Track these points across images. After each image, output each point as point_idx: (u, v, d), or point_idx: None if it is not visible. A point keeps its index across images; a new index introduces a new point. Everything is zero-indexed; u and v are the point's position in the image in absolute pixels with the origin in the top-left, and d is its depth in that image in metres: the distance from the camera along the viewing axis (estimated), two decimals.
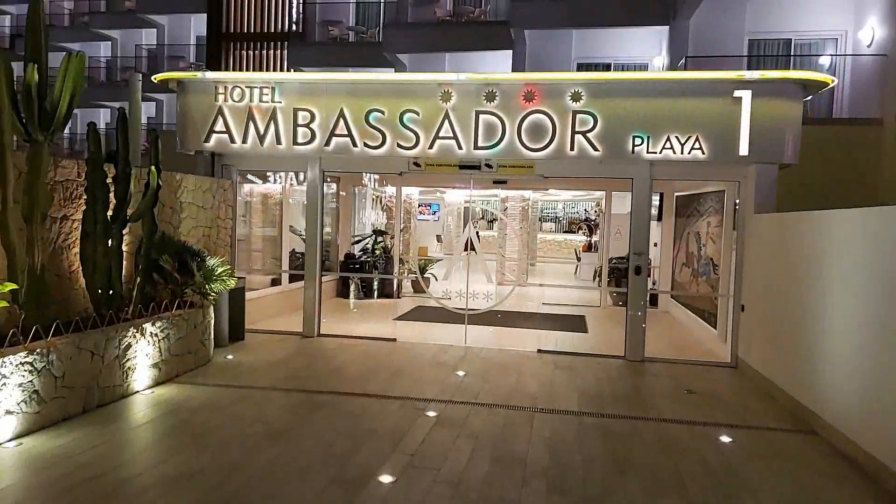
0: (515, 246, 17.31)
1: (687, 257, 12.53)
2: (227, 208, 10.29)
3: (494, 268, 12.91)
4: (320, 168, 10.18)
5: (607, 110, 9.05)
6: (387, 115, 9.46)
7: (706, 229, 11.27)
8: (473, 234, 10.61)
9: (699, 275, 11.64)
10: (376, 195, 17.38)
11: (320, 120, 9.61)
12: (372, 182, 16.73)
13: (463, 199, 23.90)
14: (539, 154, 9.23)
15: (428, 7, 19.20)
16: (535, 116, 9.19)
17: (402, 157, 9.61)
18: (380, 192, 17.37)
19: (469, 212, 13.52)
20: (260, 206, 12.75)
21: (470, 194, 10.66)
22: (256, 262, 12.51)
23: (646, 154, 9.00)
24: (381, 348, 9.69)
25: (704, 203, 11.45)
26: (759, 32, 15.55)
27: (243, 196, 12.36)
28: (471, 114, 9.31)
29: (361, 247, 15.63)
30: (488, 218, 29.85)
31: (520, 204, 17.35)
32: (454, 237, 26.30)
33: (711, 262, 10.87)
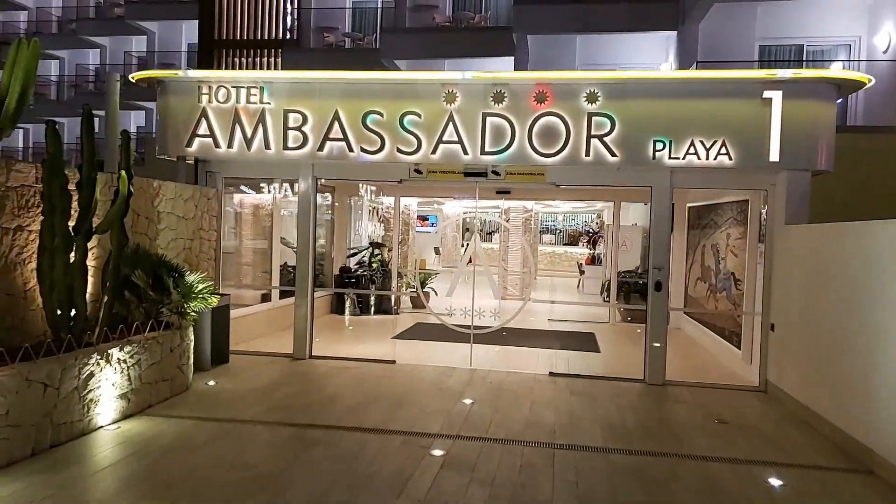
0: (518, 259, 16.43)
1: (702, 271, 11.68)
2: (210, 219, 9.39)
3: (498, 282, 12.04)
4: (313, 175, 9.30)
5: (625, 113, 8.21)
6: (386, 118, 8.60)
7: (726, 242, 10.42)
8: (479, 247, 9.72)
9: (717, 290, 10.78)
10: (373, 206, 16.50)
11: (313, 122, 8.74)
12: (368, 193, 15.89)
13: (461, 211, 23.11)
14: (551, 160, 8.37)
15: (426, 13, 18.43)
16: (548, 119, 8.35)
17: (403, 163, 8.74)
18: (377, 203, 16.50)
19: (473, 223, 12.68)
20: (251, 217, 11.86)
21: (475, 205, 9.72)
22: (245, 276, 11.60)
23: (668, 160, 8.16)
24: (379, 371, 8.77)
25: (723, 214, 10.61)
26: (770, 38, 14.81)
27: (233, 207, 11.50)
28: (477, 116, 8.46)
29: (357, 260, 14.74)
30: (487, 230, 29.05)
31: (522, 215, 16.49)
32: (453, 249, 25.53)
33: (732, 277, 10.01)
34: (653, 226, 8.74)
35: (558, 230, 28.46)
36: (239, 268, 11.55)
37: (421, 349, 10.31)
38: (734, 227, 10.05)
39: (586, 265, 19.86)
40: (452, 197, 14.28)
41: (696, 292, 12.03)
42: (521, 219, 16.54)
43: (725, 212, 10.48)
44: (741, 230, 9.72)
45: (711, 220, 11.28)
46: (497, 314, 9.83)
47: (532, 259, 17.54)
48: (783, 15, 14.50)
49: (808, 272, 7.46)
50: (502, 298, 15.07)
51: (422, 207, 21.76)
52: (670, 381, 8.73)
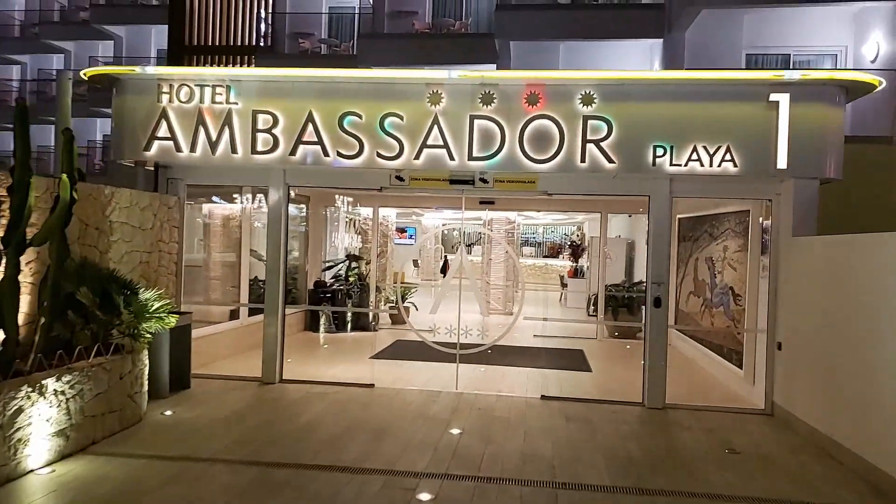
0: (501, 272, 15.72)
1: (696, 285, 11.05)
2: (171, 230, 8.54)
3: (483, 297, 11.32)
4: (284, 182, 8.51)
5: (624, 116, 7.55)
6: (364, 120, 7.85)
7: (722, 254, 9.80)
8: (466, 260, 8.97)
9: (713, 305, 10.14)
10: (350, 218, 15.70)
11: (285, 124, 7.96)
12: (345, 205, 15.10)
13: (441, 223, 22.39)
14: (544, 166, 7.67)
15: (405, 19, 17.74)
16: (540, 122, 7.66)
17: (383, 168, 7.99)
18: (354, 215, 15.71)
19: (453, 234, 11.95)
20: (220, 228, 11.01)
21: (461, 216, 8.97)
22: (214, 291, 10.74)
23: (669, 167, 7.50)
24: (356, 397, 7.97)
25: (719, 225, 10.00)
26: (757, 47, 14.32)
27: (202, 217, 10.66)
28: (464, 119, 7.74)
29: (333, 273, 13.91)
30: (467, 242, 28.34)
31: (505, 227, 15.81)
32: (432, 262, 24.77)
33: (731, 292, 9.38)
34: (651, 237, 8.08)
35: (538, 242, 27.85)
36: (207, 282, 10.69)
37: (402, 370, 9.51)
38: (732, 239, 9.43)
39: (569, 278, 19.23)
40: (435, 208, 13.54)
41: (689, 307, 11.40)
42: (504, 230, 15.84)
43: (722, 223, 9.87)
44: (740, 242, 9.10)
45: (705, 231, 10.67)
46: (484, 331, 9.08)
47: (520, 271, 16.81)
48: (770, 24, 14.03)
49: (821, 287, 6.83)
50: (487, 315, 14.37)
51: (400, 219, 21.01)
52: (671, 404, 8.05)
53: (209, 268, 10.77)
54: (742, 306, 8.94)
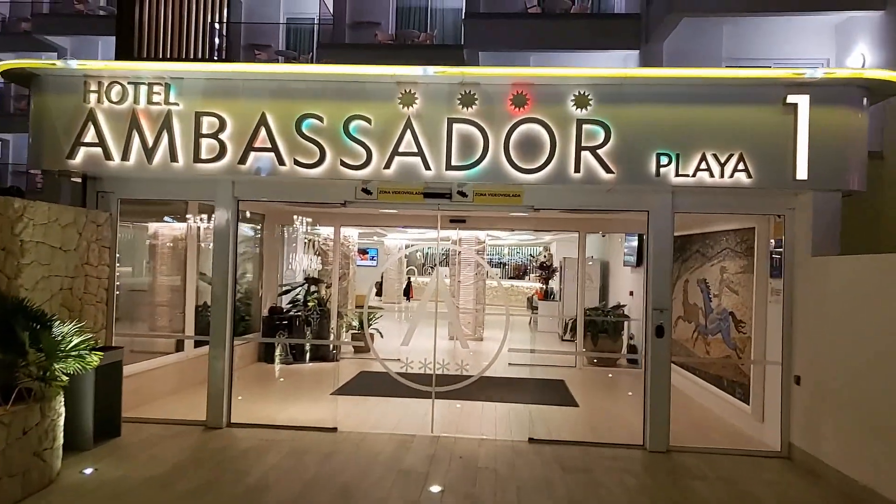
0: (470, 295, 14.68)
1: (686, 310, 10.16)
2: (101, 250, 7.30)
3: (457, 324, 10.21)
4: (233, 195, 7.36)
5: (622, 120, 6.62)
6: (326, 123, 6.77)
7: (719, 276, 8.94)
8: (444, 283, 7.90)
9: (708, 332, 9.26)
10: (310, 238, 14.52)
11: (234, 128, 6.83)
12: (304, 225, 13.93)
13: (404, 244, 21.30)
14: (532, 177, 6.68)
15: (368, 29, 16.76)
16: (528, 127, 6.68)
17: (348, 179, 6.90)
18: (314, 236, 14.53)
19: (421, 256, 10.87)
20: (167, 249, 9.75)
21: (436, 235, 7.92)
22: (156, 320, 9.46)
23: (674, 177, 6.58)
24: (317, 444, 6.79)
25: (714, 244, 9.15)
26: (737, 58, 13.67)
27: (148, 239, 9.45)
28: (441, 123, 6.72)
29: (291, 298, 12.68)
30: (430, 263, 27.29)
31: (474, 247, 14.79)
32: (395, 284, 23.61)
33: (732, 318, 8.50)
34: (651, 258, 7.15)
35: (503, 263, 26.95)
36: (150, 310, 9.43)
37: (368, 409, 8.36)
38: (732, 260, 8.57)
39: (539, 300, 18.29)
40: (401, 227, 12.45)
41: (679, 334, 10.49)
42: (474, 251, 14.82)
43: (718, 242, 9.01)
44: (742, 263, 8.24)
45: (696, 251, 9.81)
46: (462, 364, 7.97)
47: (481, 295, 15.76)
48: (750, 34, 13.40)
49: (850, 312, 5.97)
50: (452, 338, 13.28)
51: (361, 240, 19.89)
52: (675, 446, 7.07)
53: (153, 294, 9.51)
54: (746, 334, 8.05)
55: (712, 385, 8.99)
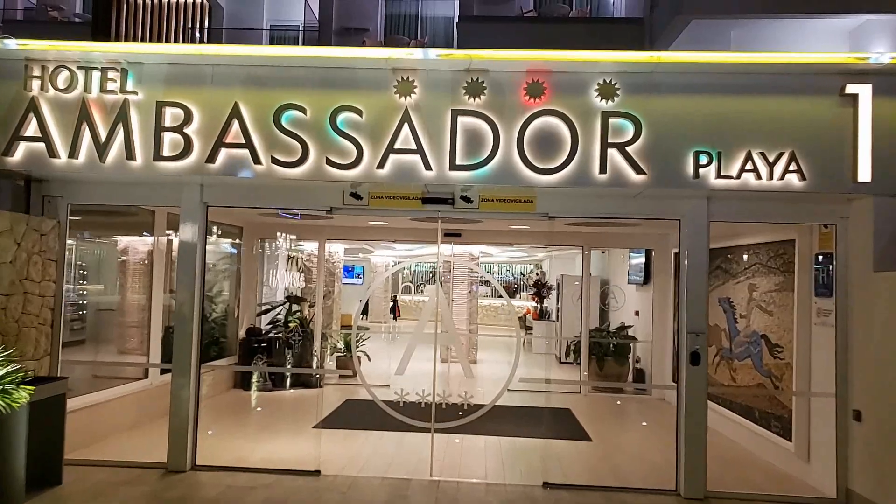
0: (464, 315, 13.61)
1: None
2: (45, 264, 6.18)
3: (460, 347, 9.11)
4: (201, 200, 6.30)
5: (655, 113, 5.66)
6: (310, 116, 5.74)
7: (747, 295, 7.97)
8: (443, 301, 6.83)
9: (734, 357, 8.27)
10: (292, 255, 13.42)
11: (202, 121, 5.78)
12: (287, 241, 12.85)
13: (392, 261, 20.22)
14: (550, 178, 5.69)
15: (356, 36, 15.82)
16: (545, 121, 5.70)
17: (335, 181, 5.85)
18: (297, 253, 13.44)
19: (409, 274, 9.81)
20: (143, 266, 8.63)
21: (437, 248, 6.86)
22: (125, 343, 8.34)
23: (715, 179, 5.62)
24: (296, 492, 5.68)
25: (740, 260, 8.19)
26: None
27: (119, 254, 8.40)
28: (444, 115, 5.72)
29: (271, 318, 11.55)
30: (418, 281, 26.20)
31: (467, 264, 13.75)
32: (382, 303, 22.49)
33: (765, 342, 7.52)
34: (689, 274, 6.12)
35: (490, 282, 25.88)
36: (123, 330, 8.34)
37: (356, 446, 7.25)
38: (764, 276, 7.61)
39: (534, 321, 17.25)
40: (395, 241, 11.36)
41: None
42: (467, 269, 13.79)
43: (745, 257, 8.06)
44: (778, 280, 7.28)
45: (718, 267, 8.84)
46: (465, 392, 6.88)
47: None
48: (759, 39, 12.60)
49: None
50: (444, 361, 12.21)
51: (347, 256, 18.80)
52: (712, 492, 6.03)
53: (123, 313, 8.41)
54: (784, 360, 7.07)
55: (742, 417, 7.96)
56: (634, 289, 12.49)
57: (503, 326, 22.10)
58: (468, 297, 13.73)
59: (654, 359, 10.96)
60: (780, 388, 7.10)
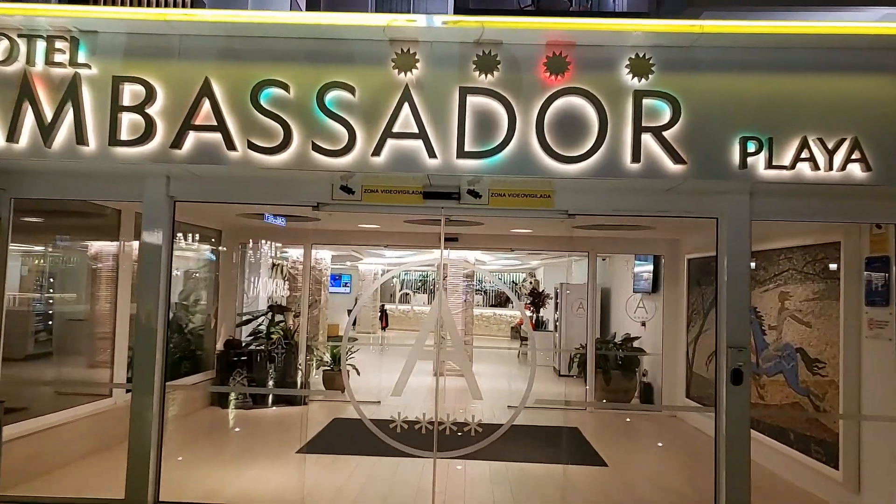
0: (459, 325, 12.73)
1: None
2: None
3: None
4: (167, 193, 5.40)
5: (696, 92, 4.84)
6: (294, 95, 4.88)
7: (777, 304, 7.18)
8: (447, 310, 5.97)
9: (762, 373, 7.46)
10: (277, 263, 12.52)
11: (166, 100, 4.90)
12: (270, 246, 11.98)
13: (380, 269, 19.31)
14: (575, 168, 4.85)
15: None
16: (568, 102, 4.86)
17: (323, 171, 4.97)
18: (281, 260, 12.55)
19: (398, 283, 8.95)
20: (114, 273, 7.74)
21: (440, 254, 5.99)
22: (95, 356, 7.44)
23: (764, 170, 4.81)
24: None
25: (768, 265, 7.41)
26: None
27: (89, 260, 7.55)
28: (451, 94, 4.87)
29: (252, 329, 10.62)
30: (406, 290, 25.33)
31: (462, 270, 12.91)
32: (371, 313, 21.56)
33: (801, 356, 6.72)
34: (729, 280, 5.30)
35: (485, 290, 25.07)
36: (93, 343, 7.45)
37: (346, 474, 6.36)
38: (799, 284, 6.82)
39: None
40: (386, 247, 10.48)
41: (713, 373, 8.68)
42: (462, 276, 12.94)
43: (775, 262, 7.27)
44: (816, 287, 6.49)
45: None
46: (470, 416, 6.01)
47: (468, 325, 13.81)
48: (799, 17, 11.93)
49: None
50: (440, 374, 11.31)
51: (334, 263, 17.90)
52: None
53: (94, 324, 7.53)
54: (826, 376, 6.27)
55: (773, 439, 7.13)
56: (640, 297, 11.70)
57: (497, 337, 21.26)
58: (464, 306, 12.87)
59: (664, 373, 10.15)
60: (823, 409, 6.29)
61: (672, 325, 9.97)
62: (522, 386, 5.77)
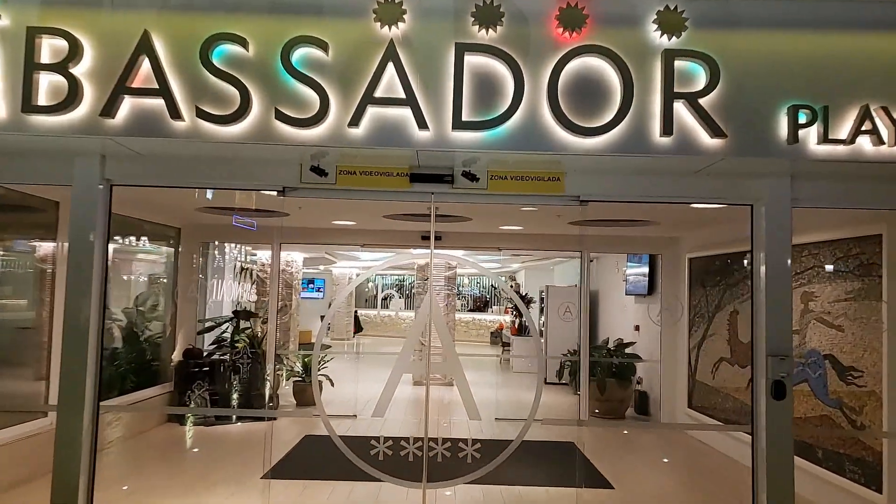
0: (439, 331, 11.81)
1: (735, 350, 7.62)
2: None
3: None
4: (102, 175, 4.45)
5: (736, 53, 4.04)
6: (254, 52, 3.97)
7: (800, 305, 6.41)
8: (438, 315, 5.10)
9: None
10: (245, 267, 11.54)
11: (96, 58, 3.96)
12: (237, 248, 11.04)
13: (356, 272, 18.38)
14: (595, 142, 4.01)
15: None
16: (585, 63, 4.02)
17: (289, 144, 4.06)
18: (250, 264, 11.57)
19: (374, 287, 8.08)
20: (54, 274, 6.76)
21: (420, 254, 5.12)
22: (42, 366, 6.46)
23: (817, 145, 4.02)
24: None
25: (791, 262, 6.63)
26: None
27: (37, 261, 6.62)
28: (445, 52, 4.00)
29: (216, 337, 9.62)
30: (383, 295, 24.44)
31: (444, 273, 12.03)
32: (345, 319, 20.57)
33: (830, 363, 5.96)
34: (765, 280, 4.50)
35: (463, 295, 24.24)
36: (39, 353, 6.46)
37: (318, 502, 5.45)
38: (827, 282, 6.06)
39: (513, 336, 15.57)
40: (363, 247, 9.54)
41: (720, 381, 7.94)
42: (444, 278, 12.07)
43: (799, 259, 6.50)
44: (850, 286, 5.74)
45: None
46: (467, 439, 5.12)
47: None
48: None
49: None
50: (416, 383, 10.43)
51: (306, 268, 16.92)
52: None
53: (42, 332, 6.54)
54: (863, 386, 5.51)
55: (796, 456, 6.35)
56: (633, 300, 10.94)
57: (476, 342, 20.41)
58: (446, 310, 11.99)
59: (663, 381, 9.37)
60: (861, 424, 5.53)
61: (672, 329, 9.20)
62: (508, 395, 4.93)
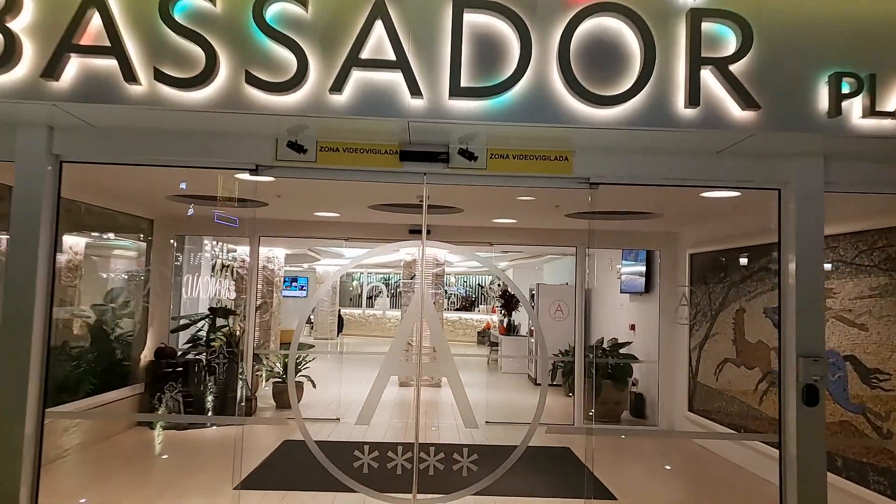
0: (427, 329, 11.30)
1: (742, 351, 7.17)
2: None
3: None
4: (49, 150, 3.88)
5: (770, 14, 3.56)
6: (221, 6, 3.44)
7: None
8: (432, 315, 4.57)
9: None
10: (225, 264, 10.96)
11: (38, 10, 3.41)
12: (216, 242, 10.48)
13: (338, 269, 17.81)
14: (611, 112, 3.52)
15: None
16: (600, 24, 3.53)
17: (261, 113, 3.52)
18: (230, 261, 11.00)
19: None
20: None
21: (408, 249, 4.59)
22: None
23: (861, 119, 3.56)
24: None
25: None
26: None
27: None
28: (442, 8, 3.49)
29: (190, 336, 9.03)
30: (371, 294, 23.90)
31: (433, 269, 11.51)
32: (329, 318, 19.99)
33: (851, 364, 5.51)
34: (799, 272, 4.03)
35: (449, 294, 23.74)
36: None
37: None
38: (847, 278, 5.62)
39: (502, 336, 15.08)
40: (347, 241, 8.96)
41: (724, 383, 7.49)
42: (433, 275, 11.54)
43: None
44: (875, 282, 5.29)
45: (762, 268, 6.86)
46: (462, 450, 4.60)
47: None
48: None
49: None
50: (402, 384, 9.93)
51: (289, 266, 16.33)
52: None
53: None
54: (890, 391, 5.06)
55: None
56: (629, 298, 10.49)
57: (463, 342, 19.90)
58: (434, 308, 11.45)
59: (661, 383, 8.91)
60: (888, 431, 5.08)
61: (670, 328, 8.75)
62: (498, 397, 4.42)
